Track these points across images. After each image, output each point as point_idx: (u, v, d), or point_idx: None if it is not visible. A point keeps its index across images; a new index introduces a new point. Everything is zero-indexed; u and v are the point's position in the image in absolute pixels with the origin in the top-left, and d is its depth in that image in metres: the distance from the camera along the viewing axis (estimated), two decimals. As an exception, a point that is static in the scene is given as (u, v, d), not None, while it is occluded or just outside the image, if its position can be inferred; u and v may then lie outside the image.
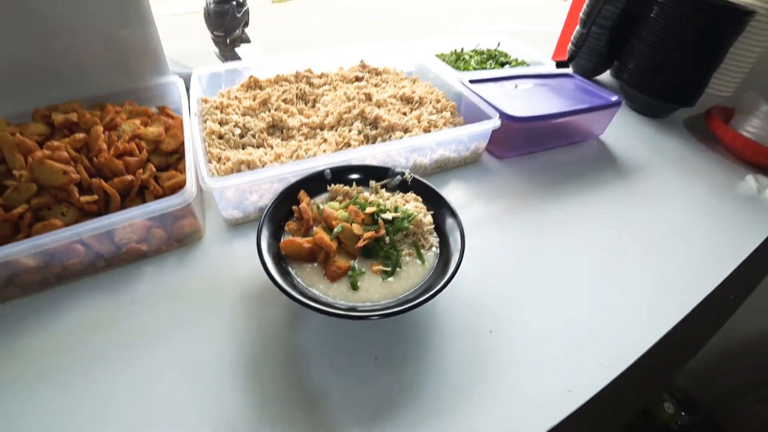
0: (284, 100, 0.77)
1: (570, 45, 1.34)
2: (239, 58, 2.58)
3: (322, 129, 0.70)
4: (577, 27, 1.30)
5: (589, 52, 1.27)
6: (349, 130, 0.68)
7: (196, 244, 0.57)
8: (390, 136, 0.68)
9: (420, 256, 0.46)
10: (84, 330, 0.47)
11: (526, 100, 0.85)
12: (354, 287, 0.43)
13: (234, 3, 2.52)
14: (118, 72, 0.77)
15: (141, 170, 0.58)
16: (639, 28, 1.10)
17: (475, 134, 0.72)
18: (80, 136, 0.59)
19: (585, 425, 0.43)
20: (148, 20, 0.75)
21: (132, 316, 0.48)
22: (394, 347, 0.46)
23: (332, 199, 0.53)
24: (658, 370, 0.52)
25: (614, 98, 0.92)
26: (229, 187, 0.54)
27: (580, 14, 1.28)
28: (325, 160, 0.58)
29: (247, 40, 2.73)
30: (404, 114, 0.75)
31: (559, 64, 1.40)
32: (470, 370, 0.45)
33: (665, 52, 1.05)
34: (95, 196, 0.54)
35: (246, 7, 2.61)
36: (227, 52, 2.64)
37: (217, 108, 0.73)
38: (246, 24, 2.65)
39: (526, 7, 10.62)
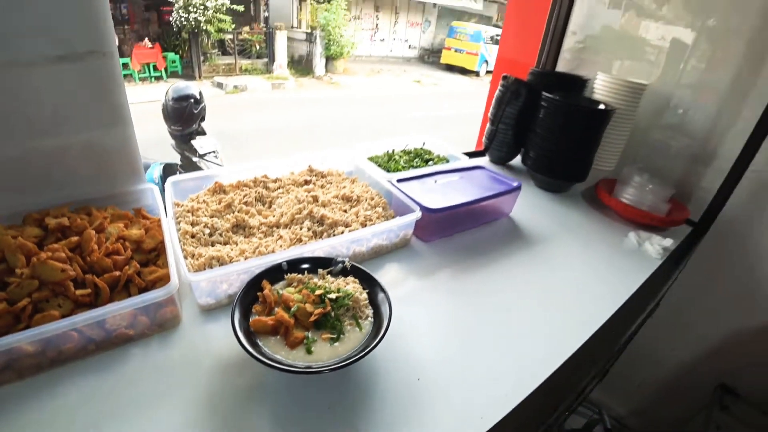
0: (245, 203, 0.92)
1: (484, 139, 1.63)
2: (195, 150, 2.74)
3: (278, 227, 0.86)
4: (488, 125, 1.59)
5: (499, 144, 1.56)
6: (300, 228, 0.84)
7: (175, 327, 0.68)
8: (334, 231, 0.85)
9: (358, 325, 0.61)
10: (79, 407, 0.56)
11: (442, 193, 1.06)
12: (309, 352, 0.56)
13: (192, 100, 2.72)
14: (100, 179, 0.89)
15: (127, 267, 0.70)
16: (535, 124, 1.40)
17: (401, 225, 0.90)
18: (74, 238, 0.71)
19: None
20: (126, 121, 0.89)
21: (121, 393, 0.58)
22: (344, 397, 0.59)
23: (289, 285, 0.67)
24: (561, 388, 0.68)
25: (515, 184, 1.15)
26: (204, 280, 0.67)
27: (489, 115, 1.58)
28: (282, 254, 0.73)
29: (203, 133, 2.91)
30: (345, 211, 0.93)
31: (478, 154, 1.69)
32: (404, 409, 0.58)
33: (555, 142, 1.34)
34: (89, 290, 0.65)
35: (203, 104, 2.81)
36: (183, 144, 2.79)
37: (188, 211, 0.87)
38: (203, 119, 2.84)
39: (465, 92, 11.75)
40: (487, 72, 16.02)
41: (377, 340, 0.56)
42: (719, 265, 1.50)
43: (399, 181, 1.06)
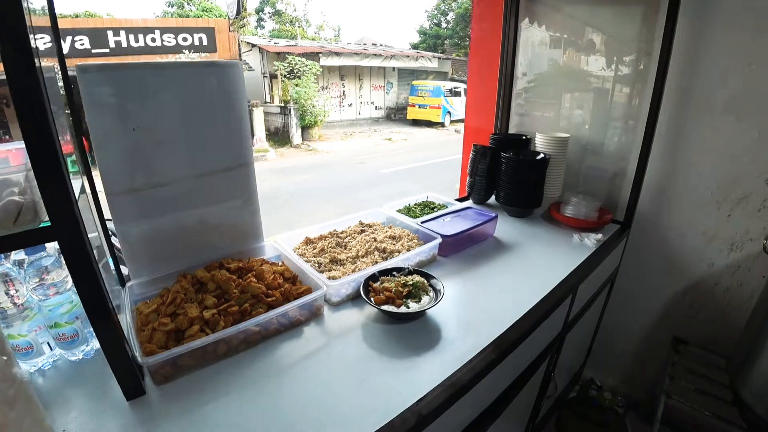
0: (331, 248, 1.47)
1: (467, 187, 2.23)
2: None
3: (357, 257, 1.41)
4: (468, 178, 2.21)
5: (478, 190, 2.17)
6: (373, 256, 1.40)
7: (322, 315, 1.21)
8: (392, 255, 1.41)
9: (427, 295, 1.17)
10: (284, 356, 1.06)
11: (450, 225, 1.64)
12: (408, 307, 1.12)
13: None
14: (240, 240, 1.43)
15: (288, 285, 1.23)
16: (500, 174, 2.01)
17: (431, 246, 1.47)
18: (253, 273, 1.24)
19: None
20: (255, 204, 1.44)
21: (303, 347, 1.09)
22: (427, 330, 1.13)
23: (383, 283, 1.22)
24: (542, 317, 1.23)
25: (493, 215, 1.74)
26: (336, 285, 1.21)
27: (467, 169, 2.20)
28: (370, 269, 1.28)
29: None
30: (394, 244, 1.49)
31: (464, 199, 2.29)
32: (454, 333, 1.12)
33: (515, 184, 1.96)
34: (274, 297, 1.18)
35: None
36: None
37: (300, 254, 1.41)
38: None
39: (434, 143, 12.59)
40: (452, 122, 17.25)
41: (440, 298, 1.13)
42: (646, 248, 2.13)
43: (422, 222, 1.64)
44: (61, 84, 1.13)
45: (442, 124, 17.17)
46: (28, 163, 0.70)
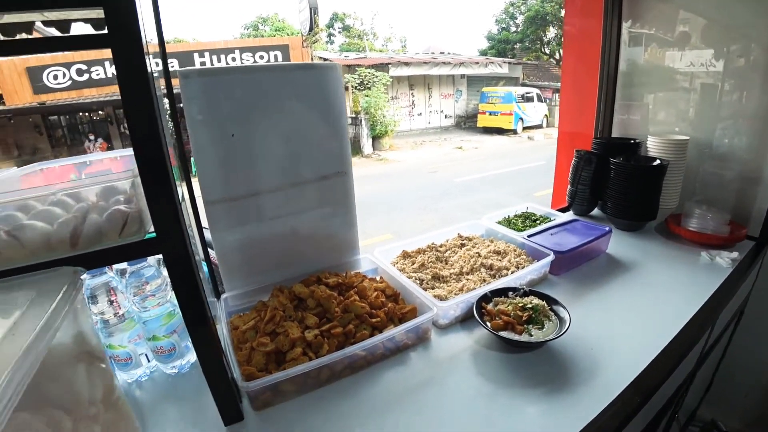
0: (431, 262, 1.36)
1: (567, 197, 2.02)
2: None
3: (461, 275, 1.29)
4: (569, 186, 2.00)
5: (580, 200, 1.96)
6: (480, 274, 1.27)
7: (429, 339, 1.10)
8: (501, 273, 1.27)
9: (549, 320, 1.02)
10: (390, 384, 0.96)
11: (559, 240, 1.47)
12: (530, 335, 0.97)
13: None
14: (336, 252, 1.36)
15: (391, 304, 1.14)
16: (608, 182, 1.80)
17: (543, 264, 1.31)
18: (354, 290, 1.16)
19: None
20: (353, 215, 1.37)
21: (411, 377, 0.98)
22: (548, 362, 0.98)
23: (496, 305, 1.09)
24: (676, 357, 1.03)
25: (607, 228, 1.55)
26: (446, 307, 1.10)
27: (569, 177, 1.99)
28: (480, 290, 1.16)
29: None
30: (500, 260, 1.35)
31: (564, 210, 2.08)
32: (581, 367, 0.96)
33: (627, 193, 1.73)
34: (378, 318, 1.09)
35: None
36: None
37: (400, 270, 1.32)
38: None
39: (507, 151, 12.18)
40: (524, 128, 16.64)
41: (567, 327, 0.98)
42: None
43: (530, 236, 1.49)
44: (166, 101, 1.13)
45: (514, 131, 16.60)
46: (135, 169, 0.66)
